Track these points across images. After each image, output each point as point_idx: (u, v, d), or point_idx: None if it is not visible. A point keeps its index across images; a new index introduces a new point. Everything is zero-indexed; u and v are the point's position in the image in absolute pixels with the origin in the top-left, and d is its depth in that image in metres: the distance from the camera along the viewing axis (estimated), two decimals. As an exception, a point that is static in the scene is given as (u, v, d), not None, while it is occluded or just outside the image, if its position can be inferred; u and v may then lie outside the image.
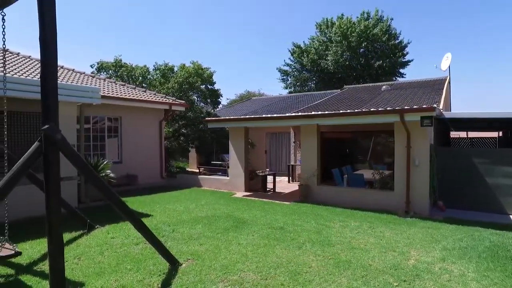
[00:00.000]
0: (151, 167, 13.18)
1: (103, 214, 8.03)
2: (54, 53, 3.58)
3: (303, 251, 5.51)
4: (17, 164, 3.49)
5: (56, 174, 3.56)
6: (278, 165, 17.97)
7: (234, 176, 12.06)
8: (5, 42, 4.12)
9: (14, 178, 3.43)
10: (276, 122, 11.07)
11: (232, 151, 12.15)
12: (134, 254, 5.34)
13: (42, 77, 3.54)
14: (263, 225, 7.10)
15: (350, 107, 10.12)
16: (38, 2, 3.49)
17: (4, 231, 4.39)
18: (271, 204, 9.63)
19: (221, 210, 8.61)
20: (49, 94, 3.55)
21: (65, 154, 3.70)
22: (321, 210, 8.82)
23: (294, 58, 31.04)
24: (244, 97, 35.21)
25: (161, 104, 13.23)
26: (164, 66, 19.36)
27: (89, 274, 4.58)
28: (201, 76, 17.51)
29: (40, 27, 3.50)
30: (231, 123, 12.10)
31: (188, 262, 5.01)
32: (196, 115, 16.22)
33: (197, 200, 10.01)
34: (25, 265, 4.92)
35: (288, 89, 32.53)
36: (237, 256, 5.26)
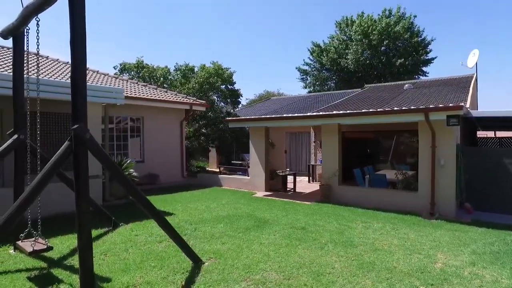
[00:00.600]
0: (172, 167, 13.38)
1: (126, 212, 8.22)
2: (83, 56, 3.69)
3: (326, 252, 5.45)
4: (49, 162, 3.62)
5: (85, 172, 3.67)
6: (298, 165, 17.87)
7: (255, 176, 12.08)
8: (38, 46, 4.28)
9: (47, 176, 3.55)
10: (296, 122, 11.00)
11: (253, 151, 12.17)
12: (157, 251, 5.43)
13: (72, 79, 3.66)
14: (285, 225, 7.07)
15: (372, 107, 9.94)
16: (70, 9, 3.60)
17: (37, 226, 4.57)
18: (292, 204, 9.58)
19: (242, 209, 8.64)
20: (78, 95, 3.67)
21: (93, 153, 3.80)
22: (343, 210, 8.71)
23: (314, 57, 30.80)
24: (263, 97, 35.25)
25: (182, 104, 13.41)
26: (184, 67, 19.62)
27: (115, 270, 4.68)
28: (221, 76, 17.63)
29: (71, 32, 3.62)
30: (251, 123, 12.11)
31: (210, 261, 5.05)
32: (216, 115, 16.34)
33: (218, 199, 10.08)
34: (56, 259, 5.09)
35: (308, 88, 32.33)
36: (259, 255, 5.26)
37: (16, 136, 5.22)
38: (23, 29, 4.96)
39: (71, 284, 4.28)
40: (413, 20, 26.70)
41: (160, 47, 58.72)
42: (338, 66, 28.75)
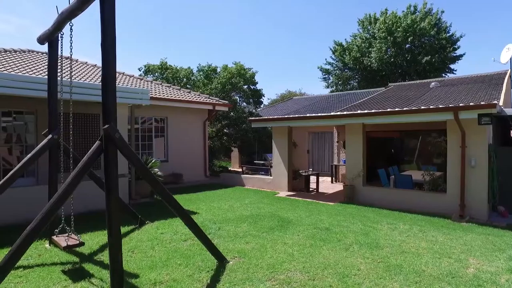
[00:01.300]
0: (195, 166, 13.57)
1: (151, 210, 8.40)
2: (113, 59, 3.81)
3: (351, 253, 5.37)
4: (82, 161, 3.75)
5: (115, 171, 3.78)
6: (321, 165, 17.70)
7: (277, 176, 12.06)
8: (72, 49, 4.45)
9: (80, 175, 3.68)
10: (320, 121, 10.90)
11: (276, 151, 12.16)
12: (183, 250, 5.52)
13: (103, 81, 3.78)
14: (308, 225, 7.03)
15: (397, 105, 9.71)
16: (101, 14, 3.72)
17: (70, 223, 4.75)
18: (315, 204, 9.51)
19: (265, 209, 8.65)
20: (109, 96, 3.78)
21: (123, 152, 3.91)
22: (367, 211, 8.56)
23: (336, 56, 30.40)
24: (285, 96, 35.13)
25: (205, 104, 13.57)
26: (207, 67, 19.85)
27: (143, 267, 4.80)
28: (243, 76, 17.71)
29: (102, 36, 3.73)
30: (274, 123, 12.10)
31: (235, 260, 5.09)
32: (239, 115, 16.43)
33: (241, 199, 10.14)
34: (87, 254, 5.27)
35: (330, 88, 31.97)
36: (284, 255, 5.25)
37: (50, 136, 5.45)
38: (57, 34, 5.17)
39: (101, 278, 4.43)
40: (440, 15, 25.86)
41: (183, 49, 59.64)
42: (361, 65, 28.25)
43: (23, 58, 11.78)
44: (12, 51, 12.23)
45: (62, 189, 3.62)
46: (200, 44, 61.83)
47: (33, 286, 4.18)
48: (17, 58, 11.55)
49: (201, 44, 61.65)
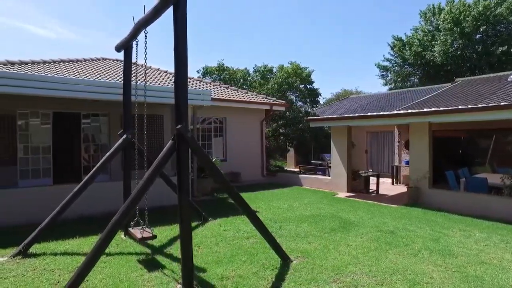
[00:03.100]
0: (253, 165, 13.79)
1: (213, 208, 8.70)
2: (185, 64, 4.01)
3: (420, 259, 5.08)
4: (156, 160, 4.01)
5: (187, 169, 3.99)
6: (380, 165, 16.96)
7: (336, 176, 11.80)
8: (146, 55, 4.77)
9: (155, 173, 3.94)
10: (381, 121, 10.45)
11: (334, 151, 11.90)
12: (246, 247, 5.64)
13: (176, 84, 4.00)
14: (372, 228, 6.78)
15: (467, 102, 8.97)
16: (174, 23, 3.94)
17: (144, 217, 5.10)
18: (377, 206, 9.13)
19: (325, 209, 8.52)
20: (181, 98, 3.99)
21: (194, 151, 4.11)
22: (435, 215, 8.02)
23: (395, 52, 28.92)
24: (341, 95, 34.27)
25: (263, 104, 13.73)
26: (263, 68, 20.07)
27: (209, 262, 4.99)
28: (299, 75, 17.60)
29: (175, 41, 3.95)
30: (333, 122, 11.83)
31: (298, 259, 5.08)
32: (295, 115, 16.36)
33: (299, 198, 10.09)
34: (157, 247, 5.63)
35: (388, 85, 30.52)
36: (348, 257, 5.13)
37: (125, 136, 5.90)
38: (132, 42, 5.59)
39: (172, 270, 4.69)
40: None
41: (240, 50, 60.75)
42: (422, 60, 26.54)
43: (98, 65, 12.92)
44: (89, 60, 13.47)
45: (140, 185, 3.90)
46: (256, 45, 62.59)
47: (115, 272, 4.57)
48: (93, 65, 12.69)
49: (257, 45, 62.39)
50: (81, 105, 9.93)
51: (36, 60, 11.18)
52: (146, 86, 5.95)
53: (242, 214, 7.58)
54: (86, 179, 5.54)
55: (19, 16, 47.33)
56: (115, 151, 5.80)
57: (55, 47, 55.67)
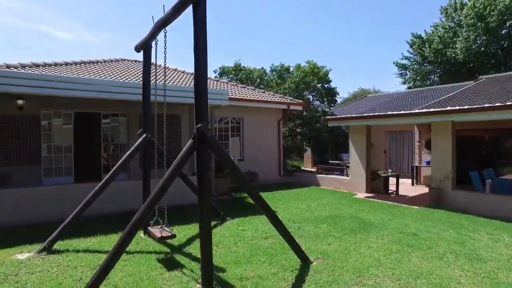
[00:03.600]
0: (270, 165, 13.72)
1: (231, 207, 8.70)
2: (205, 63, 4.01)
3: (446, 263, 4.90)
4: (176, 159, 4.01)
5: (207, 168, 3.97)
6: (399, 165, 16.58)
7: (355, 176, 11.61)
8: (166, 54, 4.79)
9: (175, 171, 3.94)
10: (401, 120, 10.20)
11: (353, 150, 11.71)
12: (265, 247, 5.59)
13: (196, 83, 3.99)
14: (393, 229, 6.61)
15: (491, 100, 8.64)
16: (194, 22, 3.94)
17: (164, 216, 5.13)
18: (397, 207, 8.92)
19: (344, 210, 8.39)
20: (201, 98, 3.98)
21: (214, 150, 4.09)
22: (459, 218, 7.75)
23: (414, 50, 28.23)
24: (358, 95, 33.77)
25: (280, 104, 13.66)
26: (280, 67, 19.97)
27: (228, 262, 4.97)
28: (317, 75, 17.43)
29: (195, 41, 3.95)
30: (352, 122, 11.62)
31: (318, 261, 5.00)
32: (312, 114, 16.20)
33: (317, 199, 9.97)
34: (176, 246, 5.66)
35: (407, 84, 29.85)
36: (369, 259, 5.01)
37: (144, 135, 5.95)
38: (152, 42, 5.62)
39: (192, 270, 4.69)
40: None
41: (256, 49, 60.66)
42: (443, 58, 25.80)
43: (117, 66, 13.13)
44: (108, 61, 13.71)
45: (160, 184, 3.91)
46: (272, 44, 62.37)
47: (135, 270, 4.60)
48: (112, 66, 12.91)
49: (273, 45, 62.14)
50: (101, 106, 10.11)
51: (58, 62, 11.46)
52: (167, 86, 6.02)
53: (261, 214, 7.60)
54: (107, 178, 5.61)
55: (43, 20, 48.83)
56: (135, 150, 5.86)
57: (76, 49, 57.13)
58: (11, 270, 4.61)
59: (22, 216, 7.01)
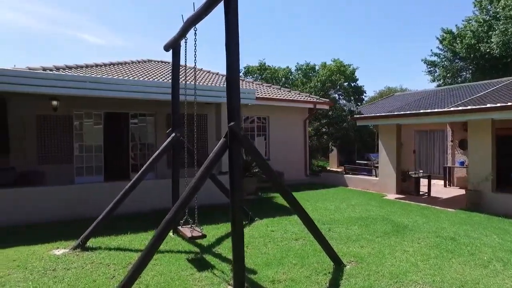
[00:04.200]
0: (296, 165, 13.54)
1: (258, 207, 8.59)
2: (237, 61, 3.93)
3: (493, 272, 4.58)
4: (208, 158, 3.94)
5: (239, 167, 3.88)
6: (429, 166, 15.95)
7: (384, 177, 11.24)
8: (196, 53, 4.75)
9: (207, 170, 3.88)
10: (436, 118, 9.76)
11: (382, 150, 11.35)
12: (295, 249, 5.45)
13: (228, 81, 3.92)
14: (429, 233, 6.30)
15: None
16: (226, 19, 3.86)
17: (194, 216, 5.09)
18: (431, 209, 8.53)
19: (374, 212, 8.11)
20: (233, 96, 3.90)
21: (246, 149, 4.00)
22: (502, 223, 7.28)
23: (444, 46, 27.12)
24: (384, 93, 32.89)
25: (306, 103, 13.45)
26: (305, 66, 19.69)
27: (259, 264, 4.87)
28: (343, 73, 17.05)
29: (226, 40, 3.88)
30: (382, 120, 11.23)
31: (351, 264, 4.81)
32: (338, 113, 15.87)
33: (346, 199, 9.72)
34: (205, 246, 5.61)
35: (436, 82, 28.75)
36: (406, 264, 4.77)
37: (173, 134, 5.95)
38: (181, 40, 5.61)
39: (222, 271, 4.62)
40: None
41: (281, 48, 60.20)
42: (476, 53, 24.61)
43: (144, 67, 13.35)
44: (136, 62, 13.97)
45: (192, 184, 3.85)
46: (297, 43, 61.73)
47: (166, 270, 4.59)
48: (139, 67, 13.13)
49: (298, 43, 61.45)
50: (130, 106, 10.30)
51: (89, 64, 11.77)
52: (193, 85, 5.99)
53: (289, 214, 7.47)
54: (137, 177, 5.65)
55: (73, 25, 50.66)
56: (164, 149, 5.87)
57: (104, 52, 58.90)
58: (50, 265, 4.71)
59: (56, 213, 7.20)
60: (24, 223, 6.83)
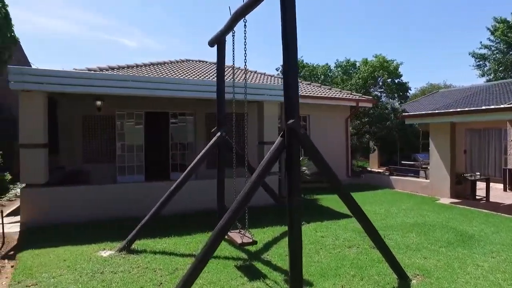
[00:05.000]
0: (337, 165, 12.91)
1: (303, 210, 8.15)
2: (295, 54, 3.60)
3: None
4: (265, 158, 3.62)
5: (298, 168, 3.55)
6: (482, 167, 14.72)
7: (436, 179, 10.41)
8: (246, 46, 4.44)
9: (264, 172, 3.56)
10: (497, 115, 8.81)
11: (434, 150, 10.52)
12: (351, 258, 5.01)
13: (286, 76, 3.59)
14: (503, 245, 5.59)
15: None
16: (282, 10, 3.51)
17: (245, 220, 4.79)
18: (497, 217, 7.67)
19: (430, 217, 7.44)
20: (292, 90, 3.58)
21: (306, 149, 3.64)
22: None
23: (496, 37, 25.17)
24: (427, 90, 31.17)
25: (348, 101, 12.85)
26: (345, 63, 18.92)
27: (313, 273, 4.49)
28: (386, 69, 16.17)
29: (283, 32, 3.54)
30: (434, 118, 10.37)
31: (417, 279, 4.30)
32: (381, 112, 15.06)
33: (395, 203, 9.06)
34: (253, 252, 5.29)
35: (486, 76, 26.78)
36: (485, 283, 4.17)
37: (219, 133, 5.69)
38: (227, 35, 5.34)
39: (275, 281, 4.28)
40: None
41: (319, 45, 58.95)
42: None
43: (182, 66, 13.34)
44: (174, 62, 14.02)
45: (248, 187, 3.55)
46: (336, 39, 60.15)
47: (215, 278, 4.31)
48: (178, 66, 13.14)
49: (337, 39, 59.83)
50: (170, 105, 10.26)
51: (130, 64, 11.90)
52: (235, 83, 5.72)
53: (338, 218, 7.04)
54: (182, 177, 5.46)
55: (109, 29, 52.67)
56: (210, 148, 5.63)
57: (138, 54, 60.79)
58: (97, 268, 4.60)
59: (100, 213, 7.20)
60: (71, 221, 6.85)
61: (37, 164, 6.86)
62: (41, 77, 6.79)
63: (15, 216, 7.39)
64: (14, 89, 6.73)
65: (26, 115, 6.84)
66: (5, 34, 10.85)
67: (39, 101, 6.94)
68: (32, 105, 6.86)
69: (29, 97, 6.84)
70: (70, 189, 7.32)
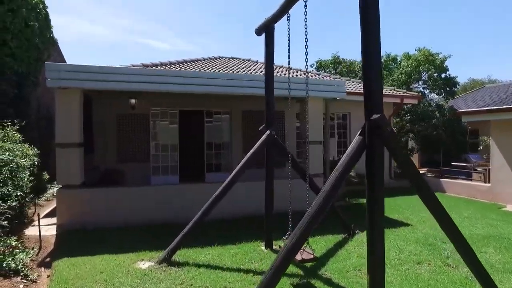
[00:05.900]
0: (380, 167, 12.11)
1: (351, 216, 7.41)
2: (377, 34, 2.97)
3: None
4: (343, 160, 3.02)
5: (382, 172, 2.90)
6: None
7: (499, 183, 9.32)
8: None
9: (343, 175, 2.95)
10: None
11: (496, 151, 9.45)
12: (425, 278, 4.29)
13: (366, 61, 2.95)
14: None
15: None
16: None
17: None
18: None
19: (504, 229, 6.52)
20: (375, 81, 2.94)
21: (391, 151, 2.97)
22: None
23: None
24: (469, 87, 29.31)
25: (392, 97, 11.92)
26: (385, 57, 17.83)
27: (384, 295, 3.80)
28: (432, 63, 15.02)
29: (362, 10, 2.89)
30: (500, 115, 9.25)
31: (518, 308, 3.52)
32: (425, 109, 13.96)
33: (453, 209, 8.10)
34: (309, 267, 4.65)
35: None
36: None
37: (268, 132, 5.12)
38: (279, 20, 4.75)
39: (342, 305, 3.64)
40: None
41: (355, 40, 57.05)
42: None
43: (216, 63, 12.93)
44: (208, 59, 13.65)
45: (323, 195, 2.95)
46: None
47: (272, 300, 3.72)
48: (212, 64, 12.73)
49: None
50: (205, 103, 9.82)
51: (164, 62, 11.60)
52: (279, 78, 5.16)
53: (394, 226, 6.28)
54: (229, 180, 4.93)
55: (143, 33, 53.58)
56: (259, 148, 5.06)
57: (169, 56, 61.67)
58: (136, 283, 4.11)
59: (134, 215, 6.80)
60: (106, 225, 6.46)
61: (73, 164, 6.57)
62: (77, 74, 6.49)
63: (52, 217, 7.15)
64: (51, 87, 6.49)
65: (62, 113, 6.57)
66: (45, 35, 10.99)
67: (75, 99, 6.65)
68: (69, 102, 6.59)
69: (65, 95, 6.57)
70: (106, 191, 7.01)
